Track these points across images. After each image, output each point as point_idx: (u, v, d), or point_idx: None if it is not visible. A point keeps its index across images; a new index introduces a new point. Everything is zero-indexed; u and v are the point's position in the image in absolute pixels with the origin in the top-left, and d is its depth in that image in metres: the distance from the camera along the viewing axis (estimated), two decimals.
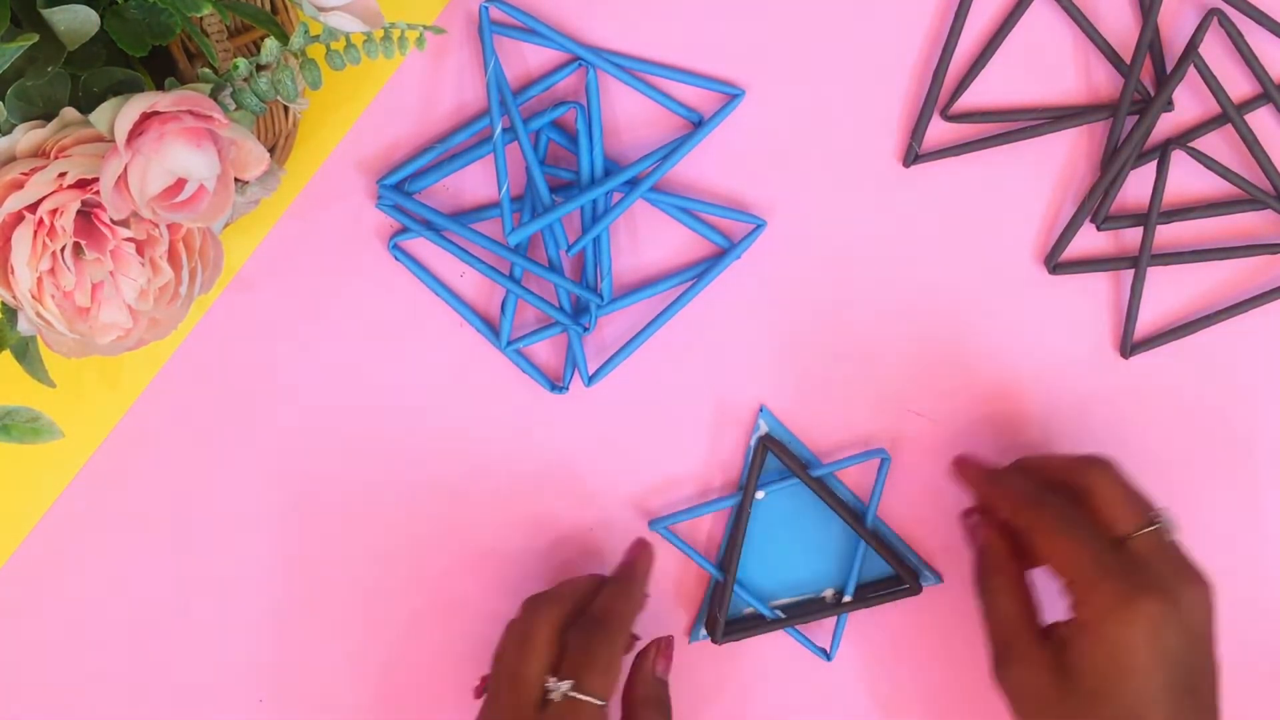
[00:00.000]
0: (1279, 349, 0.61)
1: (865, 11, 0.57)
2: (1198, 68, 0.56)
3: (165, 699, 0.60)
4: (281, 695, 0.60)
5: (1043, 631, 0.53)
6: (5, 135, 0.41)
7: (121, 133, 0.39)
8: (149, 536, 0.59)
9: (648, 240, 0.58)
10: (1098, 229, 0.59)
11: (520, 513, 0.60)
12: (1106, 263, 0.59)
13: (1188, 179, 0.59)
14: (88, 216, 0.41)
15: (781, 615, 0.61)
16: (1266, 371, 0.61)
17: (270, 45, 0.42)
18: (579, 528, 0.60)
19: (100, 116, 0.41)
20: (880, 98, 0.58)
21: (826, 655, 0.62)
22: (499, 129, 0.55)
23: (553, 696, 0.50)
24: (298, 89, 0.42)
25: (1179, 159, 0.58)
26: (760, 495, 0.59)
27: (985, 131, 0.58)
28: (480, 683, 0.55)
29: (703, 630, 0.61)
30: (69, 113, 0.42)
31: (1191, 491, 0.61)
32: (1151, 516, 0.51)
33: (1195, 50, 0.56)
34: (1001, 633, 0.54)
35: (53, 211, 0.40)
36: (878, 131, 0.58)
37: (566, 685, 0.50)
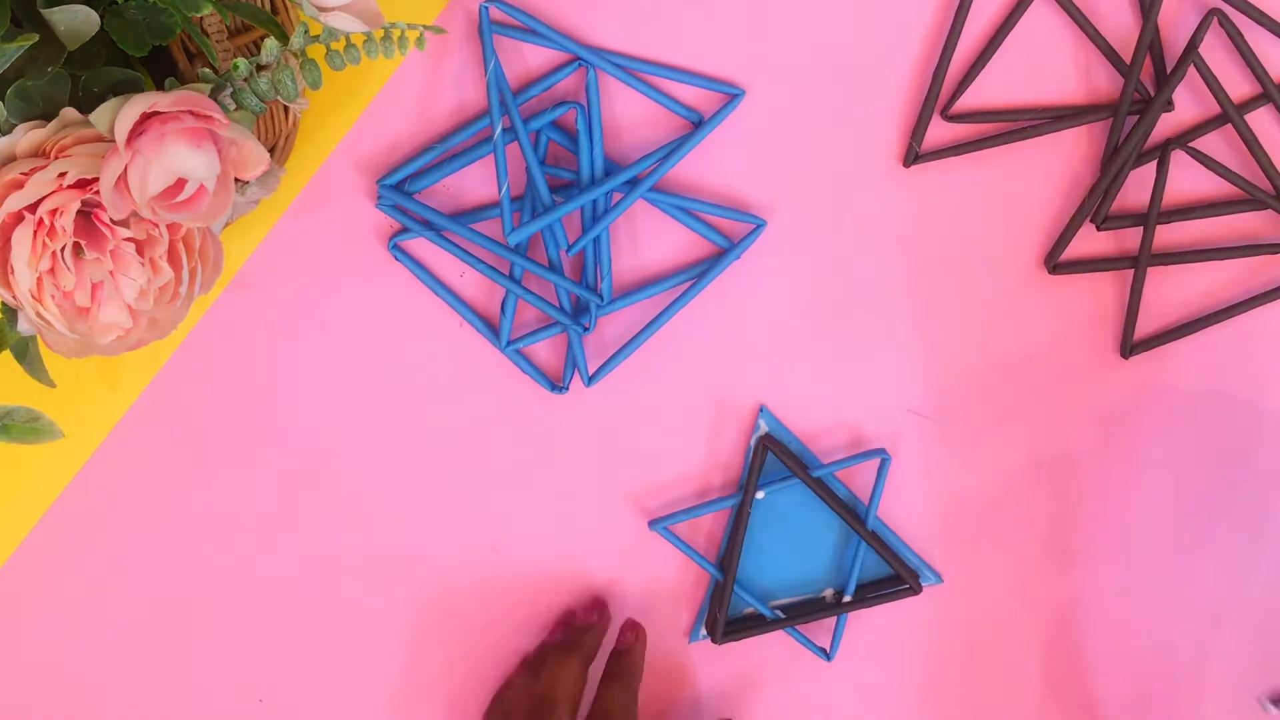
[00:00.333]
0: (1279, 349, 0.61)
1: (865, 11, 0.57)
2: (1198, 68, 0.56)
3: (165, 698, 0.60)
4: (281, 695, 0.60)
5: None
6: (5, 135, 0.41)
7: (121, 133, 0.39)
8: (149, 536, 0.59)
9: (648, 240, 0.58)
10: (1098, 229, 0.59)
11: (520, 512, 0.60)
12: (1106, 263, 0.59)
13: (1188, 179, 0.59)
14: (88, 216, 0.41)
15: (781, 615, 0.61)
16: (1266, 371, 0.61)
17: (270, 45, 0.42)
18: (579, 528, 0.60)
19: (100, 116, 0.41)
20: (880, 98, 0.58)
21: (826, 655, 0.62)
22: (499, 129, 0.55)
23: None
24: (298, 89, 0.42)
25: (1179, 159, 0.58)
26: (760, 495, 0.59)
27: (985, 131, 0.58)
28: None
29: (703, 630, 0.61)
30: (69, 113, 0.41)
31: (1191, 491, 0.61)
32: None
33: (1195, 50, 0.56)
34: None
35: (53, 211, 0.40)
36: (878, 131, 0.58)
37: None
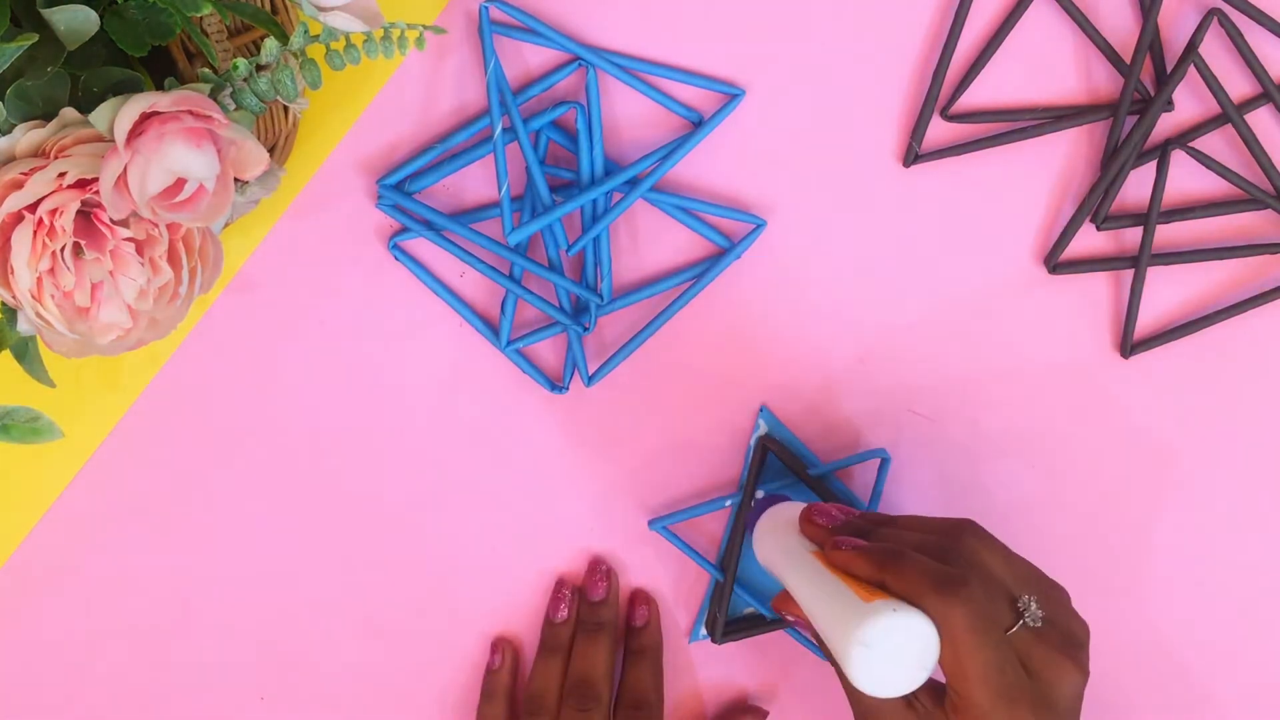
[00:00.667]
0: (1279, 349, 0.61)
1: (865, 11, 0.57)
2: (1198, 68, 0.56)
3: (166, 697, 0.60)
4: (283, 693, 0.60)
5: (907, 703, 0.48)
6: (5, 135, 0.41)
7: (121, 133, 0.39)
8: (149, 536, 0.59)
9: (648, 240, 0.58)
10: (1098, 229, 0.59)
11: (520, 512, 0.60)
12: (1106, 263, 0.59)
13: (1188, 179, 0.59)
14: (87, 216, 0.41)
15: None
16: (1266, 371, 0.61)
17: (270, 45, 0.42)
18: (579, 527, 0.60)
19: (100, 116, 0.41)
20: (880, 98, 0.58)
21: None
22: (499, 129, 0.55)
23: None
24: (298, 89, 0.42)
25: (1179, 159, 0.58)
26: (760, 495, 0.59)
27: (985, 131, 0.58)
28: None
29: (703, 630, 0.61)
30: (69, 113, 0.42)
31: (1192, 492, 0.61)
32: (1022, 605, 0.47)
33: (1195, 50, 0.56)
34: (863, 701, 0.49)
35: (52, 211, 0.40)
36: (878, 132, 0.58)
37: None
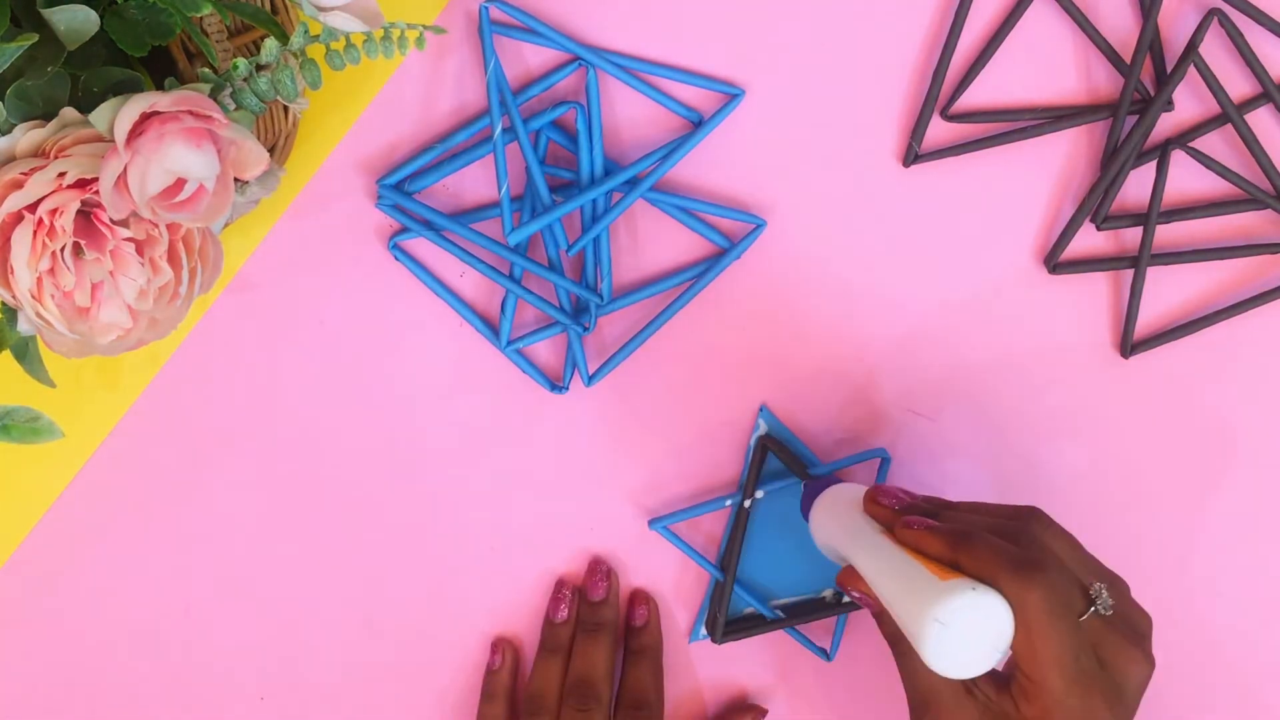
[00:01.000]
0: (1279, 349, 0.61)
1: (865, 11, 0.57)
2: (1198, 68, 0.56)
3: (166, 697, 0.60)
4: (283, 693, 0.60)
5: (967, 689, 0.47)
6: (5, 135, 0.41)
7: (121, 133, 0.39)
8: (149, 536, 0.59)
9: (648, 240, 0.58)
10: (1098, 229, 0.59)
11: (520, 512, 0.60)
12: (1106, 263, 0.59)
13: (1188, 179, 0.59)
14: (87, 216, 0.41)
15: (781, 615, 0.61)
16: (1266, 371, 0.61)
17: (270, 45, 0.42)
18: (579, 527, 0.60)
19: (100, 116, 0.41)
20: (880, 98, 0.58)
21: (826, 655, 0.62)
22: (499, 129, 0.55)
23: None
24: (298, 89, 0.42)
25: (1179, 159, 0.58)
26: (760, 495, 0.59)
27: (985, 131, 0.58)
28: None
29: (703, 630, 0.61)
30: (69, 113, 0.42)
31: (1192, 492, 0.61)
32: (1094, 592, 0.46)
33: (1195, 50, 0.56)
34: (921, 688, 0.48)
35: (52, 211, 0.40)
36: (878, 131, 0.58)
37: None
